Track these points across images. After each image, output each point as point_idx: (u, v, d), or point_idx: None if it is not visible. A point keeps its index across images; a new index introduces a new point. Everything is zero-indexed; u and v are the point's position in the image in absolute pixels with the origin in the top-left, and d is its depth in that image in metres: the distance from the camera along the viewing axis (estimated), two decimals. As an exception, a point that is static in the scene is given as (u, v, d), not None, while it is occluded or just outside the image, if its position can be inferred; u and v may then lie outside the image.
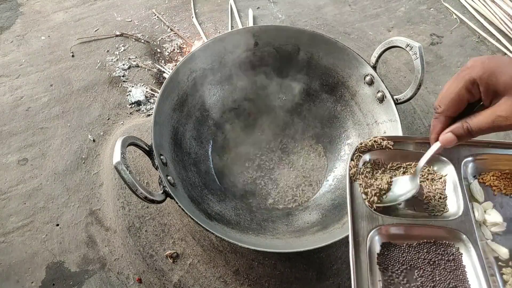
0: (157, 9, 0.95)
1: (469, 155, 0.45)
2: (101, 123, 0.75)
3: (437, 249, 0.40)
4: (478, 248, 0.39)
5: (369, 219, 0.41)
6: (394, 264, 0.39)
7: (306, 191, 0.67)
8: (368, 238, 0.39)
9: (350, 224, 0.40)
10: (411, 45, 0.56)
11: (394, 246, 0.40)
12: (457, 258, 0.40)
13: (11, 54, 0.85)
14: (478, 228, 0.41)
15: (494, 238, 0.41)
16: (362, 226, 0.40)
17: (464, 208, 0.42)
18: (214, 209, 0.59)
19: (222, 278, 0.59)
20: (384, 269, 0.39)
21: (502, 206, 0.43)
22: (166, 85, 0.59)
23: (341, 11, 0.97)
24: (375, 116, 0.63)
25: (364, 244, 0.39)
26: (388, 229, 0.41)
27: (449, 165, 0.45)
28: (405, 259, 0.40)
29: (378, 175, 0.46)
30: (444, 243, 0.41)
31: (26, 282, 0.59)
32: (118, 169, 0.45)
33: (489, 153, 0.46)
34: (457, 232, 0.40)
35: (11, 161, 0.70)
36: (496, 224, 0.41)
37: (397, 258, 0.40)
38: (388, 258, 0.40)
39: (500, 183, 0.45)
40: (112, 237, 0.63)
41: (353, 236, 0.39)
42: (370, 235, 0.40)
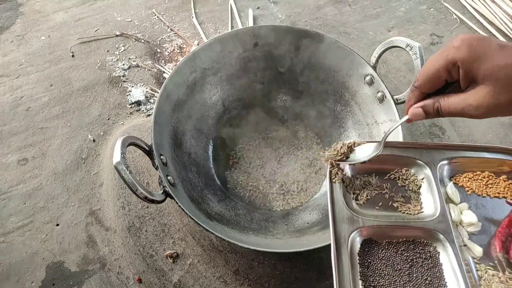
0: (157, 9, 0.95)
1: (445, 158, 0.47)
2: (101, 123, 0.75)
3: (415, 248, 0.42)
4: (455, 247, 0.41)
5: (350, 221, 0.42)
6: (373, 259, 0.41)
7: (306, 191, 0.67)
8: (349, 239, 0.41)
9: (332, 227, 0.41)
10: (411, 45, 0.56)
11: (375, 243, 0.42)
12: (434, 257, 0.41)
13: (11, 54, 0.85)
14: (454, 228, 0.43)
15: (470, 237, 0.43)
16: (343, 228, 0.42)
17: (441, 210, 0.43)
18: (214, 209, 0.59)
19: (222, 278, 0.59)
20: (364, 264, 0.41)
21: (478, 207, 0.45)
22: (166, 85, 0.59)
23: (341, 11, 0.97)
24: (375, 116, 0.63)
25: (345, 245, 0.40)
26: (369, 231, 0.42)
27: (426, 169, 0.47)
28: (385, 255, 0.41)
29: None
30: (422, 242, 0.42)
31: (26, 282, 0.59)
32: (118, 169, 0.45)
33: (463, 156, 0.48)
34: (435, 232, 0.42)
35: (11, 161, 0.70)
36: (471, 224, 0.43)
37: (377, 254, 0.41)
38: (368, 254, 0.41)
39: (472, 184, 0.47)
40: (112, 237, 0.63)
41: (334, 238, 0.41)
42: (351, 236, 0.41)
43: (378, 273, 0.40)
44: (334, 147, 0.48)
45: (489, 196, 0.46)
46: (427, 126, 0.77)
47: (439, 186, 0.45)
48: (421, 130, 0.76)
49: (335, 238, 0.41)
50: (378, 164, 0.47)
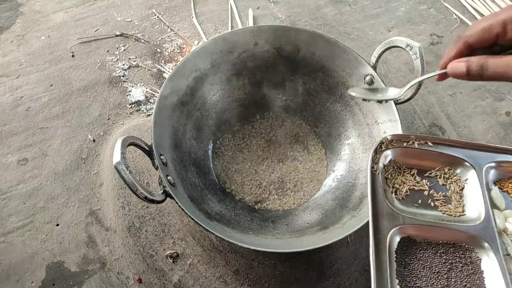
0: (157, 9, 0.95)
1: (492, 161, 0.45)
2: (101, 123, 0.75)
3: (456, 252, 0.40)
4: (499, 255, 0.38)
5: (390, 217, 0.40)
6: (411, 259, 0.39)
7: (306, 191, 0.67)
8: (388, 236, 0.39)
9: (371, 222, 0.39)
10: (411, 45, 0.56)
11: (413, 242, 0.40)
12: (475, 263, 0.39)
13: (11, 54, 0.85)
14: (499, 236, 0.40)
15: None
16: (383, 224, 0.40)
17: (485, 215, 0.41)
18: (214, 209, 0.59)
19: (222, 278, 0.59)
20: (401, 263, 0.39)
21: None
22: (166, 85, 0.59)
23: (341, 11, 0.97)
24: (375, 116, 0.63)
25: (384, 242, 0.39)
26: (408, 229, 0.41)
27: (471, 170, 0.45)
28: (423, 256, 0.39)
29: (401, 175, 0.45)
30: (463, 247, 0.40)
31: (26, 282, 0.59)
32: (118, 169, 0.45)
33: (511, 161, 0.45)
34: (478, 238, 0.40)
35: (11, 161, 0.70)
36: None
37: (415, 254, 0.39)
38: (406, 253, 0.39)
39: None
40: (112, 237, 0.63)
41: (373, 233, 0.38)
42: (390, 233, 0.39)
43: (415, 274, 0.38)
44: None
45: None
46: (427, 126, 0.77)
47: (484, 189, 0.43)
48: (421, 130, 0.76)
49: (374, 233, 0.39)
50: (419, 159, 0.46)
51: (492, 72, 0.36)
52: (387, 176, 0.45)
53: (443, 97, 0.81)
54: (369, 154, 0.45)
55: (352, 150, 0.67)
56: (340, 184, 0.65)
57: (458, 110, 0.80)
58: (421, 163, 0.46)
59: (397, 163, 0.46)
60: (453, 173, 0.46)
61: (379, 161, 0.45)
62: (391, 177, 0.45)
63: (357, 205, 0.57)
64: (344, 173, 0.66)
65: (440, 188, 0.45)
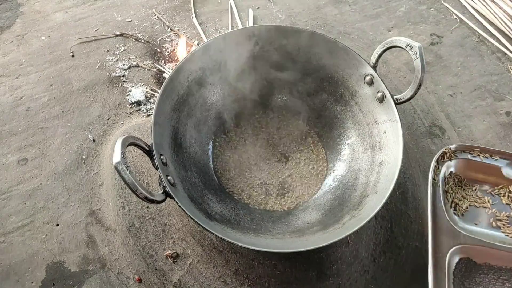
0: (157, 9, 0.95)
1: None
2: (101, 123, 0.75)
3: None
4: None
5: (450, 235, 0.38)
6: (470, 283, 0.36)
7: (306, 191, 0.67)
8: (448, 255, 0.37)
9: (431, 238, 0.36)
10: (411, 45, 0.56)
11: (474, 265, 0.37)
12: None
13: (11, 54, 0.85)
14: None
15: None
16: (443, 242, 0.37)
17: None
18: (214, 209, 0.59)
19: (222, 278, 0.59)
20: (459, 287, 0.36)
21: None
22: (166, 85, 0.59)
23: (341, 11, 0.97)
24: (375, 116, 0.63)
25: (443, 261, 0.36)
26: (468, 249, 0.38)
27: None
28: (483, 280, 0.36)
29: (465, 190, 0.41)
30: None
31: (26, 282, 0.59)
32: (118, 169, 0.45)
33: None
34: None
35: (11, 161, 0.70)
36: None
37: (474, 277, 0.36)
38: (464, 276, 0.36)
39: None
40: (112, 237, 0.63)
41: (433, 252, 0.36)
42: (450, 252, 0.37)
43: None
44: None
45: None
46: (427, 126, 0.77)
47: None
48: (421, 130, 0.76)
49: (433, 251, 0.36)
50: (483, 174, 0.42)
51: None
52: (447, 189, 0.42)
53: (443, 97, 0.81)
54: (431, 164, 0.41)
55: (352, 150, 0.67)
56: (340, 184, 0.65)
57: (458, 110, 0.80)
58: (485, 178, 0.43)
59: (459, 176, 0.43)
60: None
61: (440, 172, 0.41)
62: (451, 191, 0.42)
63: (357, 205, 0.57)
64: (344, 173, 0.66)
65: (503, 208, 0.41)
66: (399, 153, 0.55)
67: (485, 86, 0.83)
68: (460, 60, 0.87)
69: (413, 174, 0.69)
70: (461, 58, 0.87)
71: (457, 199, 0.41)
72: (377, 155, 0.61)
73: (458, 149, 0.42)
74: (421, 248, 0.62)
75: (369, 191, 0.57)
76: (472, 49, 0.89)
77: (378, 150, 0.61)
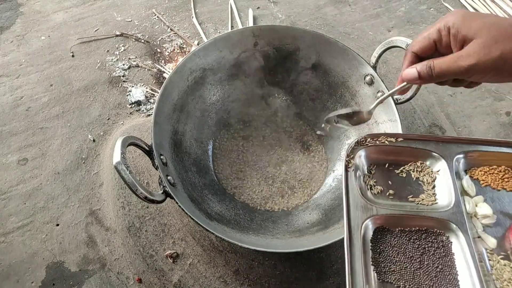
0: (157, 9, 0.95)
1: (461, 152, 0.48)
2: (101, 123, 0.75)
3: (428, 237, 0.43)
4: (469, 238, 0.41)
5: (364, 209, 0.43)
6: (386, 246, 0.42)
7: (306, 191, 0.67)
8: (363, 226, 0.42)
9: (345, 214, 0.42)
10: (411, 45, 0.56)
11: (387, 231, 0.43)
12: (446, 246, 0.42)
13: (11, 54, 0.85)
14: (469, 220, 0.43)
15: (485, 229, 0.43)
16: (357, 215, 0.42)
17: (455, 201, 0.44)
18: (214, 209, 0.59)
19: (222, 278, 0.59)
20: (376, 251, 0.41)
21: (493, 200, 0.45)
22: (166, 85, 0.59)
23: (341, 11, 0.97)
24: (375, 116, 0.63)
25: (358, 231, 0.41)
26: (382, 219, 0.43)
27: (441, 161, 0.48)
28: (397, 243, 0.42)
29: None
30: (435, 232, 0.43)
31: (26, 282, 0.59)
32: (118, 169, 0.45)
33: (479, 150, 0.48)
34: (448, 223, 0.43)
35: (11, 161, 0.70)
36: (486, 216, 0.44)
37: (389, 241, 0.42)
38: (380, 241, 0.42)
39: (487, 178, 0.47)
40: (112, 237, 0.63)
41: (348, 224, 0.41)
42: (365, 223, 0.42)
43: (389, 260, 0.41)
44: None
45: (505, 190, 0.46)
46: (427, 126, 0.77)
47: (454, 179, 0.46)
48: (421, 130, 0.76)
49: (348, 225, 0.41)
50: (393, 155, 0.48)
51: (438, 70, 0.40)
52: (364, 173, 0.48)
53: (443, 97, 0.81)
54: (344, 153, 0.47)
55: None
56: (340, 184, 0.65)
57: (458, 110, 0.80)
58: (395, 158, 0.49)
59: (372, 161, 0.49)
60: (425, 166, 0.49)
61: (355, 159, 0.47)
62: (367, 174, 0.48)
63: (357, 205, 0.57)
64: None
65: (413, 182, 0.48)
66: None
67: (485, 86, 0.83)
68: (460, 60, 0.87)
69: (413, 174, 0.69)
70: (461, 58, 0.87)
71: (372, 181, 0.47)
72: (377, 155, 0.61)
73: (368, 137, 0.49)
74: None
75: (369, 191, 0.57)
76: (472, 49, 0.89)
77: (378, 150, 0.61)
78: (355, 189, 0.44)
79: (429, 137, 0.49)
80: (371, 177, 0.47)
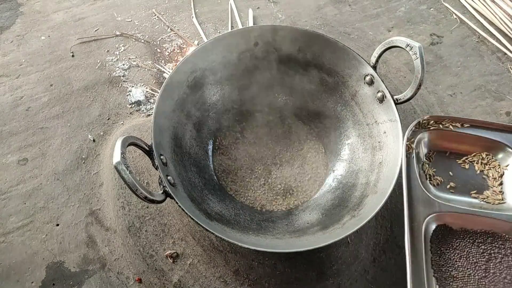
0: (157, 9, 0.95)
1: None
2: (101, 123, 0.75)
3: (494, 241, 0.38)
4: None
5: (426, 204, 0.38)
6: (447, 248, 0.37)
7: (306, 191, 0.67)
8: (424, 224, 0.37)
9: (406, 208, 0.37)
10: (411, 45, 0.56)
11: (449, 230, 0.38)
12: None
13: (11, 54, 0.85)
14: None
15: None
16: (419, 211, 0.38)
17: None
18: (214, 209, 0.59)
19: (222, 278, 0.59)
20: (436, 252, 0.37)
21: None
22: (166, 85, 0.59)
23: (341, 11, 0.97)
24: (375, 116, 0.63)
25: (420, 230, 0.37)
26: (443, 216, 0.38)
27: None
28: (459, 245, 0.37)
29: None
30: (503, 237, 0.38)
31: (26, 282, 0.59)
32: (118, 169, 0.45)
33: None
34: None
35: (11, 161, 0.70)
36: None
37: (451, 242, 0.37)
38: (441, 241, 0.37)
39: None
40: (112, 237, 0.63)
41: (408, 221, 0.37)
42: (426, 220, 0.37)
43: (451, 264, 0.36)
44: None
45: None
46: (427, 126, 0.77)
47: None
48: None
49: (410, 221, 0.37)
50: (456, 143, 0.43)
51: None
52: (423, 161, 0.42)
53: (443, 97, 0.81)
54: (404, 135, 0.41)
55: (352, 150, 0.67)
56: (340, 184, 0.65)
57: (458, 110, 0.80)
58: (458, 147, 0.43)
59: (432, 147, 0.43)
60: (492, 158, 0.43)
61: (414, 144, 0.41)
62: (427, 162, 0.42)
63: (357, 205, 0.57)
64: (344, 173, 0.66)
65: (477, 175, 0.42)
66: (399, 153, 0.54)
67: (485, 86, 0.83)
68: (460, 60, 0.87)
69: (413, 174, 0.69)
70: (461, 58, 0.87)
71: (432, 170, 0.42)
72: (377, 155, 0.61)
73: (431, 120, 0.42)
74: (421, 248, 0.62)
75: (369, 191, 0.57)
76: (472, 49, 0.89)
77: (378, 150, 0.61)
78: (416, 180, 0.39)
79: (501, 127, 0.43)
80: (430, 165, 0.42)
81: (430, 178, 0.42)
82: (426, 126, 0.42)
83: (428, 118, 0.42)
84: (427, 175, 0.42)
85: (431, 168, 0.42)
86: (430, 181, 0.41)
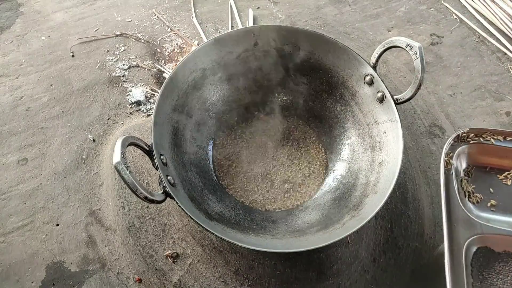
0: (157, 9, 0.95)
1: None
2: (101, 123, 0.75)
3: None
4: None
5: (467, 225, 0.35)
6: (489, 272, 0.34)
7: (306, 191, 0.67)
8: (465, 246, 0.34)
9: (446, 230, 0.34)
10: (411, 45, 0.56)
11: (492, 254, 0.35)
12: None
13: (11, 54, 0.85)
14: None
15: None
16: (459, 232, 0.35)
17: None
18: (214, 209, 0.59)
19: (222, 278, 0.59)
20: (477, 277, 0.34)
21: None
22: (166, 85, 0.59)
23: (341, 11, 0.97)
24: (375, 116, 0.63)
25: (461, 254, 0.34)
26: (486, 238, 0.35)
27: None
28: (502, 269, 0.34)
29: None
30: None
31: (26, 282, 0.59)
32: (118, 169, 0.45)
33: None
34: None
35: (11, 161, 0.70)
36: None
37: (493, 266, 0.35)
38: (482, 265, 0.35)
39: None
40: (112, 237, 0.63)
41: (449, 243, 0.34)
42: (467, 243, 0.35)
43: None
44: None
45: None
46: (427, 126, 0.77)
47: None
48: (421, 130, 0.76)
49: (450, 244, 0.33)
50: (497, 157, 0.40)
51: None
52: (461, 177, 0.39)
53: (443, 97, 0.81)
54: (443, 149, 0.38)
55: (352, 150, 0.67)
56: (340, 184, 0.65)
57: (458, 110, 0.80)
58: (499, 161, 0.40)
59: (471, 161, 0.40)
60: None
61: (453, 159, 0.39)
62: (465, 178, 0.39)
63: (357, 205, 0.57)
64: (344, 173, 0.66)
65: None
66: (399, 153, 0.54)
67: (485, 86, 0.83)
68: (460, 60, 0.87)
69: (413, 174, 0.69)
70: (461, 58, 0.87)
71: (471, 187, 0.39)
72: (377, 155, 0.61)
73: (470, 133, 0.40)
74: (421, 248, 0.62)
75: (369, 191, 0.57)
76: (472, 49, 0.89)
77: (378, 150, 0.61)
78: (456, 199, 0.36)
79: None
80: (469, 181, 0.39)
81: (469, 196, 0.39)
82: (465, 140, 0.40)
83: (468, 131, 0.39)
84: (465, 192, 0.39)
85: (470, 185, 0.39)
86: (469, 199, 0.39)
